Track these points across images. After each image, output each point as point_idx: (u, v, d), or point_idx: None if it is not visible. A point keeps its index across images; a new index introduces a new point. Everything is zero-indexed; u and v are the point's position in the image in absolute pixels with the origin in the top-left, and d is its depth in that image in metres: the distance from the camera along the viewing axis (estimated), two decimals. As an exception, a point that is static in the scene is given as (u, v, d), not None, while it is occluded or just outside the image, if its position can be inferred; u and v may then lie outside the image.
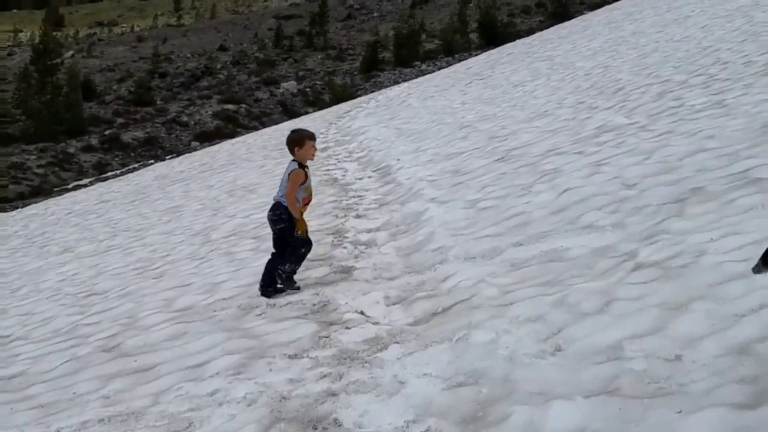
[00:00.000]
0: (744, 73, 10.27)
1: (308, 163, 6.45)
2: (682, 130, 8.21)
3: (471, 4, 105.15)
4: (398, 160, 12.08)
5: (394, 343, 4.91)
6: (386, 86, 56.19)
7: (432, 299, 5.61)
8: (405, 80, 54.51)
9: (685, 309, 4.19)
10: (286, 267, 6.47)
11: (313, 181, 6.75)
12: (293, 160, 6.40)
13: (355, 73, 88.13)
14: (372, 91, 53.38)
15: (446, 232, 7.20)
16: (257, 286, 6.64)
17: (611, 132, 9.31)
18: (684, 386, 3.48)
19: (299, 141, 6.36)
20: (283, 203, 6.32)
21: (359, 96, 50.71)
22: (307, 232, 6.40)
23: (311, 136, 6.43)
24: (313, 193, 6.62)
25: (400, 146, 13.61)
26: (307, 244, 6.51)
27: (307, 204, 6.47)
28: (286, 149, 6.53)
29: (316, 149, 6.50)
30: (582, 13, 62.51)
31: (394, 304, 5.80)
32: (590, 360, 3.97)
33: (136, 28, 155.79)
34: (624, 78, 13.32)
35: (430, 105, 19.54)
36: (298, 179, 6.28)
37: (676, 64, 12.96)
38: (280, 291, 6.52)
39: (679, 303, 4.28)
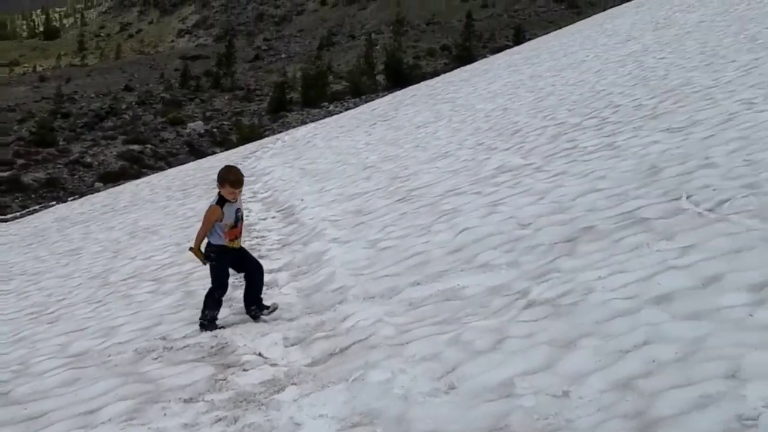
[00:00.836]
0: (634, 116, 10.67)
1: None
2: (575, 171, 8.47)
3: (377, 46, 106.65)
4: (302, 200, 12.08)
5: (292, 384, 4.90)
6: (294, 126, 56.21)
7: (330, 339, 5.62)
8: (313, 121, 54.61)
9: (573, 346, 4.31)
10: (206, 314, 6.42)
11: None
12: (219, 194, 6.34)
13: (263, 113, 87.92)
14: (280, 132, 53.31)
15: (347, 272, 7.23)
16: (158, 328, 6.55)
17: (508, 173, 9.53)
18: (571, 422, 3.57)
19: (221, 181, 6.23)
20: (211, 241, 6.30)
21: (267, 136, 50.56)
22: (200, 258, 6.34)
23: (234, 183, 6.20)
24: (242, 228, 6.52)
25: (305, 186, 13.62)
26: (221, 288, 6.45)
27: (236, 237, 6.37)
28: (190, 190, 6.48)
29: (235, 196, 6.26)
30: (485, 57, 63.96)
31: (292, 345, 5.77)
32: (482, 397, 4.04)
33: (39, 68, 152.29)
34: (522, 120, 13.67)
35: (335, 145, 19.63)
36: (212, 216, 6.21)
37: (571, 107, 13.38)
38: (264, 308, 6.48)
39: (568, 340, 4.40)
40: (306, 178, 14.86)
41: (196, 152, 67.91)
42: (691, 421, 3.30)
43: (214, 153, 55.19)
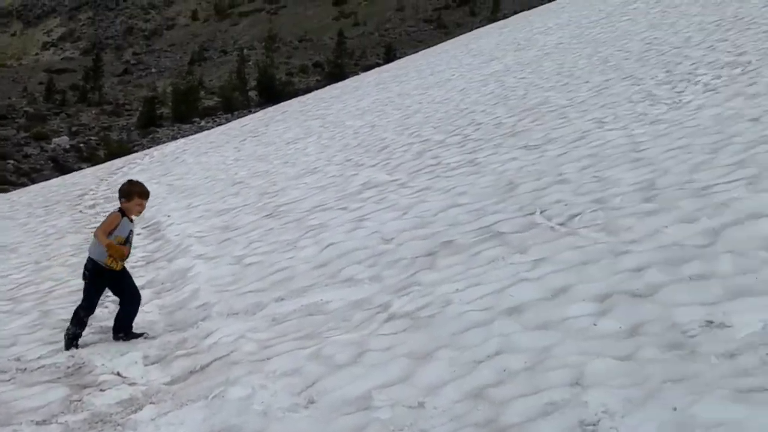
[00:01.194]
0: (494, 134, 11.03)
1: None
2: (437, 187, 8.68)
3: (250, 62, 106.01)
4: (168, 216, 11.90)
5: (150, 403, 4.82)
6: (164, 142, 55.07)
7: (192, 357, 5.56)
8: (183, 136, 53.76)
9: (430, 357, 4.42)
10: (69, 329, 6.24)
11: (77, 239, 6.51)
12: (119, 208, 6.25)
13: (132, 128, 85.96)
14: (149, 147, 52.17)
15: (211, 288, 7.18)
16: (12, 349, 6.33)
17: (374, 188, 9.68)
18: (424, 432, 3.67)
19: (128, 194, 6.25)
20: (93, 258, 6.19)
21: (136, 152, 49.39)
22: (115, 259, 6.18)
23: (142, 194, 6.29)
24: (130, 250, 6.39)
25: (172, 203, 13.40)
26: (88, 309, 6.28)
27: (120, 257, 6.22)
28: (52, 206, 6.32)
29: (142, 208, 6.35)
30: (356, 74, 64.47)
31: (152, 363, 5.68)
32: (341, 411, 4.09)
33: None
34: (389, 137, 13.88)
35: (204, 161, 19.39)
36: (113, 222, 6.15)
37: (436, 124, 13.69)
38: (135, 336, 6.27)
39: (425, 352, 4.51)
40: (174, 194, 14.63)
41: (62, 168, 65.69)
42: (537, 428, 3.44)
43: (80, 168, 53.50)
